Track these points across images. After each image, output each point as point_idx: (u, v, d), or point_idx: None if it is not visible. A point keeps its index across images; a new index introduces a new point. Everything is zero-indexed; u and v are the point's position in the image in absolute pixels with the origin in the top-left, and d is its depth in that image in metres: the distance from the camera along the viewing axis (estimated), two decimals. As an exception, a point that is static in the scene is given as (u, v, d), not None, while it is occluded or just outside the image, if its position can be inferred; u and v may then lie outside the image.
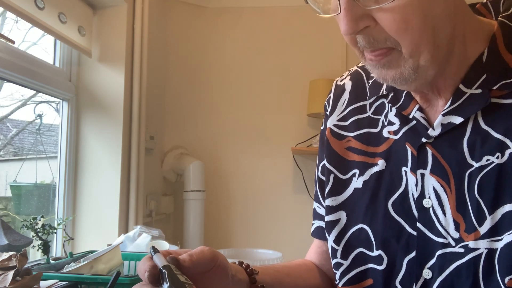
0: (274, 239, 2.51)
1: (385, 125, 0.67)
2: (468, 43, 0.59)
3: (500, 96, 0.57)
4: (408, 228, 0.61)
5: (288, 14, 2.60)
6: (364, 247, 0.66)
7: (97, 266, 1.19)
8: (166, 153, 2.50)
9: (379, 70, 0.58)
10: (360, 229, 0.67)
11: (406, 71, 0.56)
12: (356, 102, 0.73)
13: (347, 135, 0.72)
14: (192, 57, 2.62)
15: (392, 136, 0.66)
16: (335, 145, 0.72)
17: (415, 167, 0.62)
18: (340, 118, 0.74)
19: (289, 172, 2.56)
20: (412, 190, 0.62)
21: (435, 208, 0.59)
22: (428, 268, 0.59)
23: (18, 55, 1.56)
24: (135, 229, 1.68)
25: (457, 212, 0.58)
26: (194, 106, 2.60)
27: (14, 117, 1.89)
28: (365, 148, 0.69)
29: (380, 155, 0.66)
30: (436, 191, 0.59)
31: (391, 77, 0.57)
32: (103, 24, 1.99)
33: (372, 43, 0.55)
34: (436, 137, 0.60)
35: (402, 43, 0.54)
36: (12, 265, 0.95)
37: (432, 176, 0.60)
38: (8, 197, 1.76)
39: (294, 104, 2.55)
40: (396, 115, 0.66)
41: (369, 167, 0.67)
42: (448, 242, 0.58)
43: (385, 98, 0.68)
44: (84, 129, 1.95)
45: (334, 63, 2.54)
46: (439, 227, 0.59)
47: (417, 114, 0.63)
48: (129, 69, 2.01)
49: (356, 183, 0.69)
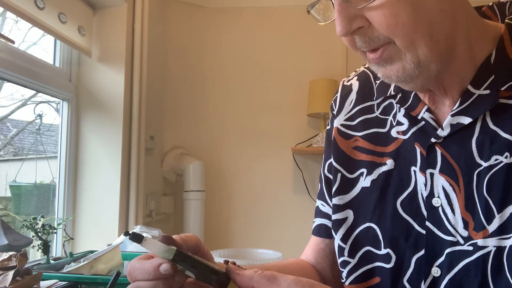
0: (274, 239, 2.51)
1: (394, 125, 0.68)
2: (474, 44, 0.60)
3: (508, 97, 0.58)
4: (417, 226, 0.62)
5: (288, 14, 2.60)
6: (372, 246, 0.66)
7: (97, 266, 1.19)
8: (166, 153, 2.50)
9: (383, 68, 0.59)
10: (368, 227, 0.67)
11: (408, 65, 0.56)
12: (363, 102, 0.74)
13: (355, 134, 0.72)
14: (192, 57, 2.62)
15: (401, 136, 0.67)
16: (343, 145, 0.73)
17: (424, 166, 0.62)
18: (347, 118, 0.75)
19: (289, 172, 2.56)
20: (421, 190, 0.63)
21: (444, 207, 0.60)
22: (436, 266, 0.60)
23: (18, 55, 1.56)
24: (135, 229, 1.68)
25: (465, 210, 0.58)
26: (194, 106, 2.60)
27: (14, 117, 1.89)
28: (373, 148, 0.69)
29: (389, 154, 0.67)
30: (445, 190, 0.60)
31: (394, 73, 0.57)
32: (103, 24, 1.99)
33: (369, 42, 0.57)
34: (445, 137, 0.61)
35: (396, 38, 0.55)
36: (12, 265, 0.95)
37: (441, 175, 0.61)
38: (8, 197, 1.76)
39: (294, 104, 2.55)
40: (405, 115, 0.66)
41: (377, 167, 0.68)
42: (457, 240, 0.58)
43: (393, 98, 0.69)
44: (84, 129, 1.95)
45: (334, 63, 2.54)
46: (448, 225, 0.59)
47: (425, 114, 0.63)
48: (129, 69, 2.01)
49: (363, 182, 0.69)
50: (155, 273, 0.48)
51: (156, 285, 0.49)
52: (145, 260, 0.50)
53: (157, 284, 0.49)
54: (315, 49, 2.58)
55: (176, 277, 0.50)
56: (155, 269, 0.48)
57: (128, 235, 0.49)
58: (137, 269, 0.50)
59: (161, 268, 0.48)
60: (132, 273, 0.50)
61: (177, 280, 0.50)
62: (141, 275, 0.49)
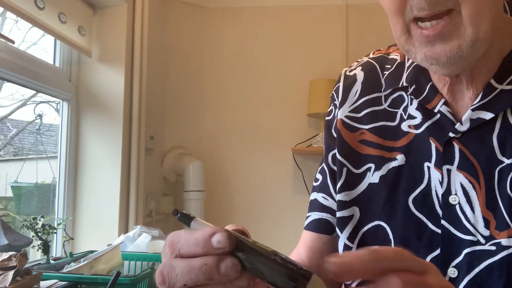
0: (274, 239, 2.51)
1: (404, 119, 0.65)
2: (500, 37, 0.58)
3: None
4: (431, 225, 0.59)
5: (288, 14, 2.60)
6: (380, 245, 0.63)
7: (97, 266, 1.19)
8: (166, 153, 2.50)
9: (432, 47, 0.53)
10: (377, 226, 0.64)
11: (464, 43, 0.51)
12: (369, 94, 0.69)
13: (361, 127, 0.68)
14: (192, 57, 2.62)
15: (413, 130, 0.63)
16: (348, 138, 0.69)
17: (441, 162, 0.59)
18: (352, 109, 0.70)
19: (289, 172, 2.56)
20: (436, 186, 0.60)
21: (462, 205, 0.57)
22: (453, 267, 0.57)
23: (18, 55, 1.56)
24: (135, 229, 1.68)
25: (486, 209, 0.56)
26: (194, 106, 2.60)
27: (14, 117, 1.89)
28: (381, 142, 0.65)
29: (399, 149, 0.64)
30: (464, 188, 0.58)
31: (447, 53, 0.52)
32: (103, 24, 1.99)
33: (434, 4, 0.50)
34: (463, 133, 0.58)
35: (467, 4, 0.50)
36: (12, 265, 0.95)
37: (459, 172, 0.58)
38: (9, 197, 1.76)
39: (294, 104, 2.55)
40: (418, 108, 0.63)
41: (387, 162, 0.64)
42: (477, 240, 0.56)
43: (403, 90, 0.66)
44: (84, 129, 1.95)
45: (334, 63, 2.54)
46: (467, 224, 0.57)
47: (443, 108, 0.60)
48: (129, 69, 2.01)
49: (371, 177, 0.65)
50: (206, 244, 0.37)
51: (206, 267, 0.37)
52: (194, 230, 0.40)
53: (207, 263, 0.37)
54: (315, 49, 2.58)
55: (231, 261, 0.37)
56: (206, 240, 0.37)
57: (177, 214, 0.42)
58: (183, 239, 0.39)
59: (214, 239, 0.37)
60: (174, 245, 0.39)
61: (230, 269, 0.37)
62: (187, 247, 0.38)
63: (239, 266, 0.37)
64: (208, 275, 0.37)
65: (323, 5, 2.57)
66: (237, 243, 0.38)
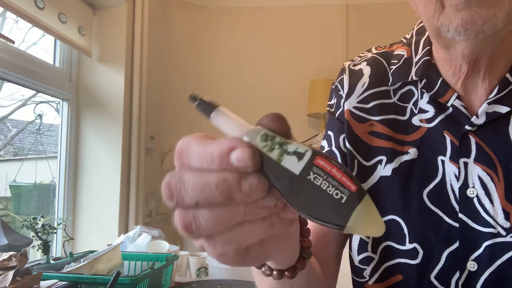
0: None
1: (415, 113, 0.64)
2: None
3: None
4: (448, 219, 0.59)
5: (288, 14, 2.60)
6: (393, 241, 0.62)
7: (97, 266, 1.19)
8: (166, 153, 2.50)
9: (469, 9, 0.50)
10: (391, 220, 0.62)
11: (500, 13, 0.49)
12: (377, 87, 0.68)
13: (370, 118, 0.67)
14: (192, 57, 2.62)
15: (425, 124, 0.63)
16: (357, 128, 0.67)
17: (457, 156, 0.59)
18: (360, 100, 0.68)
19: (289, 172, 2.56)
20: (451, 180, 0.59)
21: (480, 197, 0.57)
22: (472, 260, 0.57)
23: (18, 55, 1.56)
24: (135, 229, 1.68)
25: (506, 201, 0.56)
26: (194, 106, 2.60)
27: (14, 117, 1.89)
28: (392, 134, 0.64)
29: (411, 143, 0.63)
30: (482, 180, 0.57)
31: (483, 17, 0.49)
32: (103, 24, 1.99)
33: None
34: (478, 126, 0.58)
35: None
36: (12, 265, 0.95)
37: (476, 165, 0.58)
38: (8, 197, 1.76)
39: (294, 104, 2.55)
40: (430, 102, 0.62)
41: (399, 155, 0.63)
42: (498, 232, 0.56)
43: (413, 85, 0.65)
44: (84, 129, 1.95)
45: (334, 63, 2.54)
46: (486, 216, 0.56)
47: (456, 102, 0.60)
48: (129, 69, 2.01)
49: (382, 170, 0.64)
50: (223, 162, 0.30)
51: (224, 185, 0.29)
52: (209, 140, 0.33)
53: (226, 180, 0.29)
54: (315, 49, 2.58)
55: (257, 184, 0.30)
56: (223, 157, 0.30)
57: (195, 101, 0.33)
58: (194, 150, 0.32)
59: (234, 157, 0.29)
60: (184, 156, 0.32)
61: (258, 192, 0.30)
62: (199, 163, 0.31)
63: (266, 183, 0.30)
64: (226, 194, 0.29)
65: (323, 5, 2.57)
66: (264, 159, 0.30)
